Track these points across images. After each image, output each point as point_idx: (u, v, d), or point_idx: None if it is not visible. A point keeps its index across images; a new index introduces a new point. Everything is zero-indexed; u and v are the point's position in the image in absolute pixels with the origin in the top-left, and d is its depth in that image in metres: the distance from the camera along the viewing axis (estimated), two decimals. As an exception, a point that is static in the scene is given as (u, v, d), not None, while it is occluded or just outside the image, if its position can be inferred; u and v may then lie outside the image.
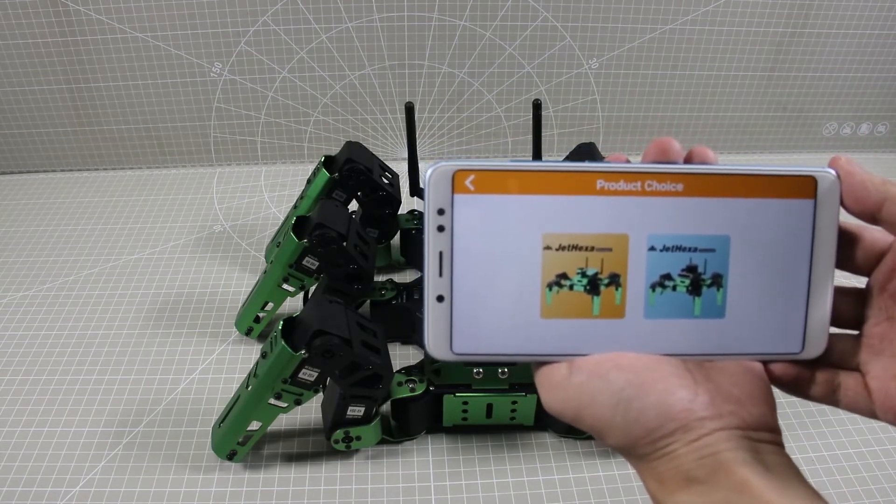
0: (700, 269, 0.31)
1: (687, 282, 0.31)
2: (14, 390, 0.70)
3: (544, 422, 0.65)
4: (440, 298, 0.31)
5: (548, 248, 0.30)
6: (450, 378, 0.62)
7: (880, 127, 1.13)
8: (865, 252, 0.30)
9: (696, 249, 0.31)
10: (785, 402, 0.68)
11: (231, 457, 0.61)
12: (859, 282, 0.31)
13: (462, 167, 0.30)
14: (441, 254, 0.30)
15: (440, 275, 0.30)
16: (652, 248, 0.31)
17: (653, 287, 0.31)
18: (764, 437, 0.29)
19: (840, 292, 0.32)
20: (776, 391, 0.32)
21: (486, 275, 0.30)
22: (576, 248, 0.30)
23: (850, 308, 0.31)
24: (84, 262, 0.87)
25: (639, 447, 0.29)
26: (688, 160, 0.31)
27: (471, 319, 0.31)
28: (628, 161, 0.31)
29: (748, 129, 1.11)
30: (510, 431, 0.66)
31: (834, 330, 0.31)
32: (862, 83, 1.08)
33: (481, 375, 0.62)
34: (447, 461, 0.63)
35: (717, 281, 0.31)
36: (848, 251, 0.31)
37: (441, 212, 0.30)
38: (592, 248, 0.30)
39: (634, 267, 0.31)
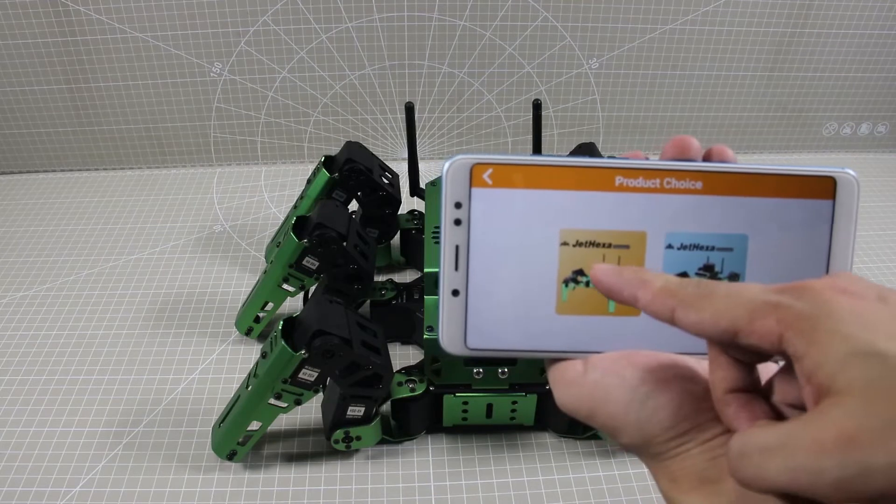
0: (717, 268, 0.31)
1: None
2: (14, 390, 0.70)
3: (544, 422, 0.65)
4: (455, 293, 0.30)
5: (565, 243, 0.30)
6: (450, 378, 0.62)
7: (880, 127, 1.13)
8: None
9: (713, 248, 0.31)
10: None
11: (231, 457, 0.61)
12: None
13: (480, 160, 0.30)
14: (457, 247, 0.30)
15: (456, 269, 0.30)
16: (669, 246, 0.30)
17: None
18: None
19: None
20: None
21: (503, 269, 0.30)
22: (593, 244, 0.30)
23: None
24: (84, 262, 0.87)
25: (652, 446, 0.29)
26: (706, 158, 0.31)
27: (486, 314, 0.31)
28: (647, 158, 0.31)
29: (748, 129, 1.11)
30: (510, 431, 0.66)
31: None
32: (862, 83, 1.08)
33: (481, 375, 0.62)
34: (447, 461, 0.63)
35: (735, 280, 0.31)
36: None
37: (458, 205, 0.30)
38: (610, 245, 0.30)
39: (651, 264, 0.30)
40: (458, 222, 0.30)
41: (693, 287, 0.26)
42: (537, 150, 0.77)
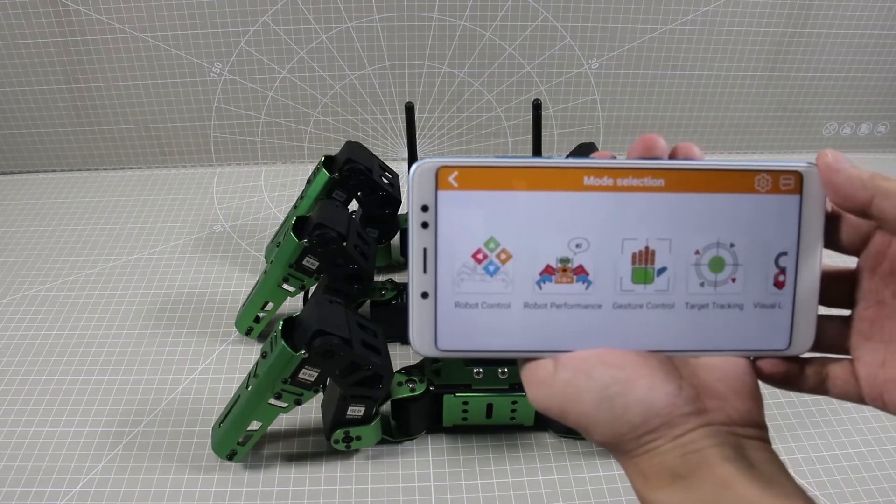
0: (686, 266, 0.31)
1: (672, 279, 0.31)
2: (14, 390, 0.70)
3: (544, 422, 0.65)
4: (425, 295, 0.31)
5: (532, 244, 0.30)
6: (450, 378, 0.62)
7: (880, 127, 1.13)
8: (850, 233, 0.30)
9: (681, 246, 0.31)
10: (785, 402, 0.68)
11: (231, 457, 0.61)
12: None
13: (445, 164, 0.30)
14: (425, 250, 0.30)
15: (424, 271, 0.30)
16: (637, 245, 0.31)
17: (638, 283, 0.31)
18: (750, 433, 0.29)
19: (832, 274, 0.31)
20: (775, 390, 0.32)
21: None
22: (561, 244, 0.30)
23: (843, 289, 0.31)
24: (84, 262, 0.87)
25: (623, 443, 0.29)
26: (672, 157, 0.31)
27: (455, 315, 0.31)
28: (614, 158, 0.31)
29: (748, 129, 1.11)
30: (510, 431, 0.65)
31: (824, 311, 0.31)
32: (862, 83, 1.08)
33: (481, 375, 0.62)
34: (447, 461, 0.63)
35: (703, 277, 0.31)
36: (833, 232, 0.30)
37: (425, 208, 0.30)
38: (578, 245, 0.30)
39: (620, 263, 0.31)
40: (425, 225, 0.30)
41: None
42: (537, 150, 0.76)
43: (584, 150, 0.77)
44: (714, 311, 0.31)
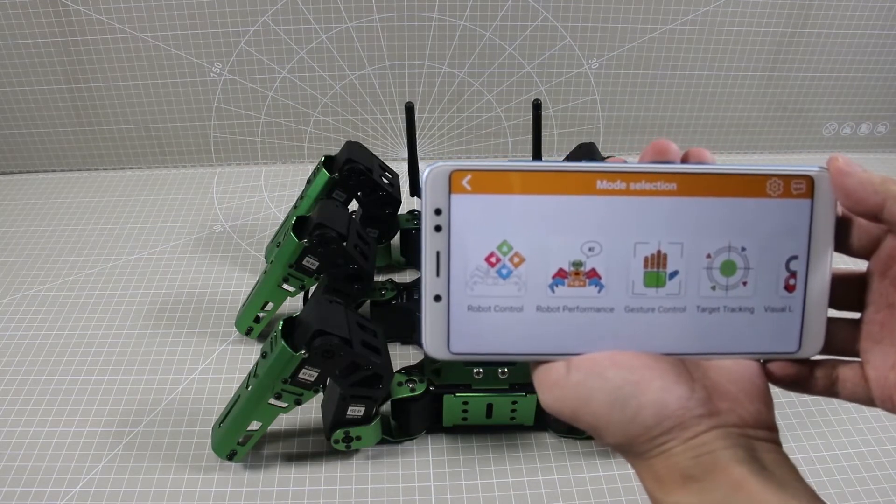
0: (697, 270, 0.31)
1: (684, 282, 0.31)
2: (14, 390, 0.70)
3: (544, 422, 0.65)
4: (437, 298, 0.31)
5: (545, 248, 0.30)
6: (450, 378, 0.62)
7: (880, 127, 1.13)
8: (861, 237, 0.30)
9: (692, 250, 0.31)
10: (785, 402, 0.68)
11: (231, 457, 0.61)
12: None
13: (459, 167, 0.30)
14: (438, 253, 0.30)
15: (437, 274, 0.30)
16: (649, 248, 0.31)
17: (650, 286, 0.31)
18: (761, 434, 0.29)
19: (842, 277, 0.31)
20: (776, 389, 0.32)
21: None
22: (573, 248, 0.30)
23: (853, 292, 0.31)
24: (84, 262, 0.87)
25: (636, 445, 0.29)
26: (685, 161, 0.31)
27: (468, 319, 0.31)
28: (626, 162, 0.31)
29: (748, 129, 1.11)
30: (510, 431, 0.66)
31: (834, 314, 0.31)
32: (862, 83, 1.08)
33: (481, 375, 0.62)
34: (447, 461, 0.63)
35: (715, 281, 0.31)
36: (843, 236, 0.30)
37: (438, 212, 0.30)
38: (591, 248, 0.30)
39: (632, 267, 0.31)
40: (438, 228, 0.30)
41: None
42: (537, 150, 0.76)
43: (585, 150, 0.77)
44: (725, 315, 0.31)
